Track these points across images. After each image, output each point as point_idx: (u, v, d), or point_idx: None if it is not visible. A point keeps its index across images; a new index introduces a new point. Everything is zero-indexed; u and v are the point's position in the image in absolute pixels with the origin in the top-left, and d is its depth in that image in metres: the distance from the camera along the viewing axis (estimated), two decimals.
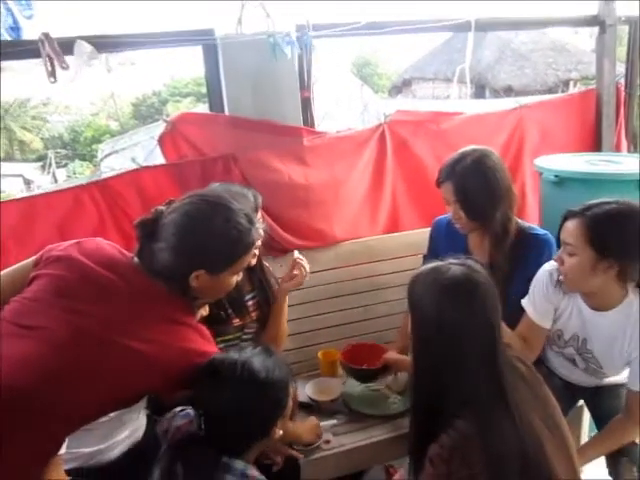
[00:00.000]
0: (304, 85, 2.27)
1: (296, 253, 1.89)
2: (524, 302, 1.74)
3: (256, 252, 1.76)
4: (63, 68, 1.80)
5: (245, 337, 1.88)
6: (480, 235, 1.92)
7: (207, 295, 1.37)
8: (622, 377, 1.68)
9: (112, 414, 1.39)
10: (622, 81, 2.84)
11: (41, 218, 1.98)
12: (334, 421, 1.87)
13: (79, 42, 1.92)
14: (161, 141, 2.13)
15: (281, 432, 1.29)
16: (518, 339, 1.71)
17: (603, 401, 1.76)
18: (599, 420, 1.79)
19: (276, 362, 1.27)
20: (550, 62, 12.50)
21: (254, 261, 1.81)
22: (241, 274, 1.38)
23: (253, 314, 1.88)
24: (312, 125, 2.32)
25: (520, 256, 1.84)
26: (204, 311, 1.55)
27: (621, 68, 2.87)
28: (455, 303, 1.17)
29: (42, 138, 21.94)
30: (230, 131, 2.15)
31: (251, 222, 1.29)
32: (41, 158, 19.40)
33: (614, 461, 1.67)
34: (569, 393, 1.84)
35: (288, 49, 2.07)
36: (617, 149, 2.82)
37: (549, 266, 1.69)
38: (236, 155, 2.12)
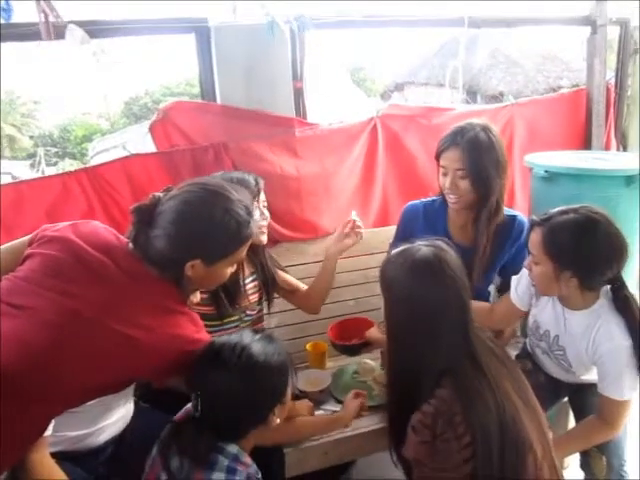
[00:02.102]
0: (297, 76, 2.27)
1: (354, 214, 1.92)
2: (513, 278, 1.77)
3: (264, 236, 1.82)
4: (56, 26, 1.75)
5: (246, 319, 1.90)
6: (464, 215, 1.92)
7: (201, 285, 1.36)
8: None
9: (100, 398, 1.38)
10: (612, 82, 2.87)
11: (29, 204, 1.96)
12: (321, 412, 1.86)
13: (71, 26, 1.90)
14: (152, 129, 2.12)
15: (278, 420, 1.28)
16: (488, 310, 1.78)
17: (584, 399, 1.77)
18: (580, 417, 1.79)
19: (276, 349, 1.27)
20: (541, 69, 12.60)
21: (264, 238, 1.85)
22: (235, 266, 1.37)
23: (252, 297, 1.91)
24: (304, 116, 2.32)
25: (501, 238, 1.88)
26: (194, 298, 1.54)
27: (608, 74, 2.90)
28: (427, 279, 1.23)
29: (32, 136, 21.79)
30: (222, 120, 2.15)
31: (249, 214, 1.28)
32: (30, 156, 19.24)
33: (585, 452, 1.69)
34: (553, 389, 1.85)
35: (286, 27, 2.03)
36: (606, 148, 2.84)
37: None
38: (227, 144, 2.12)
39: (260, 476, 1.22)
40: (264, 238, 1.85)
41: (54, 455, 1.27)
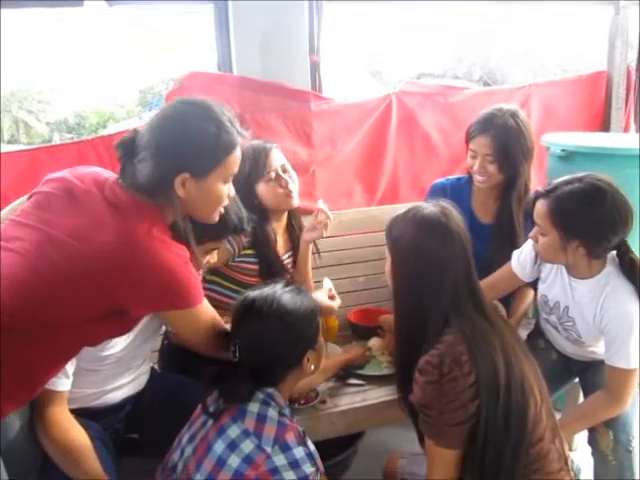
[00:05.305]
0: (313, 50, 2.26)
1: (320, 203, 1.90)
2: (515, 252, 1.79)
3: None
4: None
5: None
6: (487, 192, 2.01)
7: (197, 208, 1.27)
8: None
9: (118, 354, 1.40)
10: (633, 64, 2.82)
11: (45, 170, 1.96)
12: (331, 383, 1.88)
13: None
14: (168, 99, 2.11)
15: (313, 367, 1.34)
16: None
17: (594, 376, 1.75)
18: (588, 395, 1.78)
19: (304, 298, 1.33)
20: (559, 62, 12.49)
21: (294, 203, 1.84)
22: (232, 189, 1.32)
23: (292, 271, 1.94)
24: (320, 90, 2.32)
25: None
26: (212, 258, 1.52)
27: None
28: (433, 232, 1.27)
29: (47, 123, 22.02)
30: (238, 92, 2.15)
31: (232, 123, 1.24)
32: (46, 142, 19.44)
33: (592, 427, 1.67)
34: (565, 367, 1.86)
35: None
36: (625, 132, 2.80)
37: None
38: (243, 116, 2.12)
39: (295, 422, 1.26)
40: (294, 202, 1.84)
41: (73, 411, 1.30)
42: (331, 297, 1.78)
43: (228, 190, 1.30)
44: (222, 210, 1.33)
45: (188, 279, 1.19)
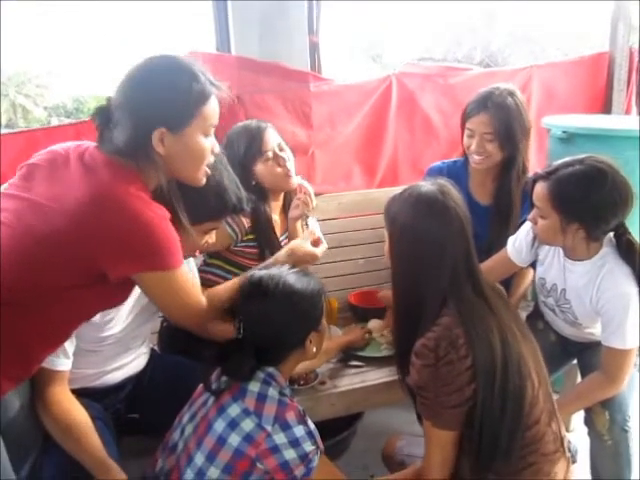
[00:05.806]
0: (313, 30, 2.24)
1: (299, 179, 1.87)
2: (510, 238, 1.80)
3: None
4: None
5: None
6: (484, 173, 2.00)
7: (181, 166, 1.23)
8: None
9: (118, 334, 1.40)
10: (636, 47, 2.80)
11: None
12: (330, 365, 1.89)
13: None
14: None
15: (315, 349, 1.34)
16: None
17: (591, 357, 1.76)
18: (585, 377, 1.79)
19: (310, 280, 1.33)
20: (560, 46, 12.41)
21: (293, 182, 1.82)
22: (216, 144, 1.28)
23: None
24: (319, 71, 2.30)
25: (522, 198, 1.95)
26: (210, 238, 1.51)
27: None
28: (430, 210, 1.26)
29: (45, 107, 21.90)
30: (236, 72, 2.13)
31: (204, 74, 1.20)
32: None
33: (588, 407, 1.68)
34: (564, 348, 1.87)
35: None
36: (627, 114, 2.79)
37: None
38: (241, 96, 2.10)
39: (295, 402, 1.27)
40: (292, 181, 1.83)
41: (73, 391, 1.31)
42: (315, 242, 1.72)
43: (211, 145, 1.25)
44: (207, 170, 1.28)
45: (167, 237, 1.15)
